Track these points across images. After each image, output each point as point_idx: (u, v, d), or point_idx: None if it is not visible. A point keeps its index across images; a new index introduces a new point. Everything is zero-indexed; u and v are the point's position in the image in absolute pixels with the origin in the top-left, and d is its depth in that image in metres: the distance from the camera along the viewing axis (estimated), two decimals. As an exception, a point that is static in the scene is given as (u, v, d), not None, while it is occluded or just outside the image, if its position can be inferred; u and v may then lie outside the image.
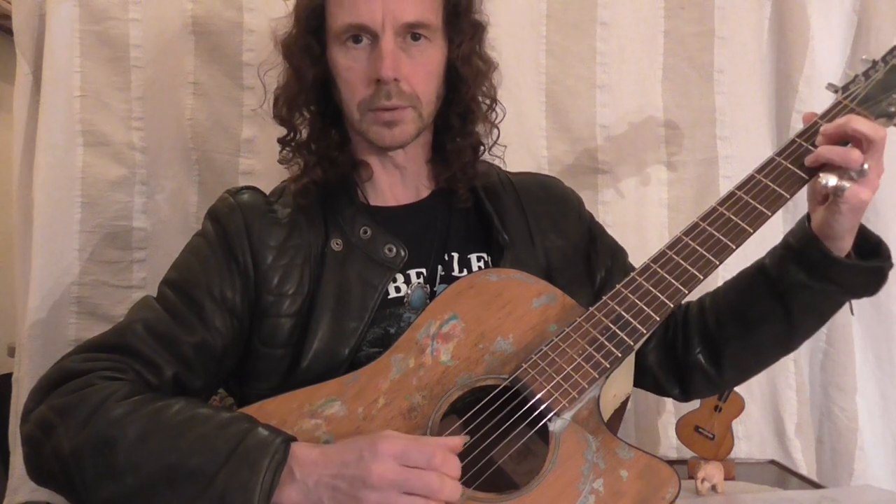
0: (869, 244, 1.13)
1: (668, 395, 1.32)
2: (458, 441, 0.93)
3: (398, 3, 1.15)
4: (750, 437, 1.86)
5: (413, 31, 1.16)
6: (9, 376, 1.76)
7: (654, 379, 1.29)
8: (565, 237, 1.30)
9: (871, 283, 1.13)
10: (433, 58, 1.19)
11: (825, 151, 1.06)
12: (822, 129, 1.09)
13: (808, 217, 1.14)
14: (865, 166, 1.04)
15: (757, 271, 1.21)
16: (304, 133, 1.27)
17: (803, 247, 1.12)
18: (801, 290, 1.13)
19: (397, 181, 1.27)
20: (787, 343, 1.23)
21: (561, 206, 1.34)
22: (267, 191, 1.27)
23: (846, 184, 1.03)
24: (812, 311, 1.17)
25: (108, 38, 1.71)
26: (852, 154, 1.04)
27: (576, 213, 1.35)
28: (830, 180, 1.04)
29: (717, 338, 1.23)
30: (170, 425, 0.97)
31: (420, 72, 1.17)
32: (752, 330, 1.20)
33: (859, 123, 1.06)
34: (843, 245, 1.11)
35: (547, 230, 1.29)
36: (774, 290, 1.16)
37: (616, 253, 1.36)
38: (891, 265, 1.13)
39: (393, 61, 1.14)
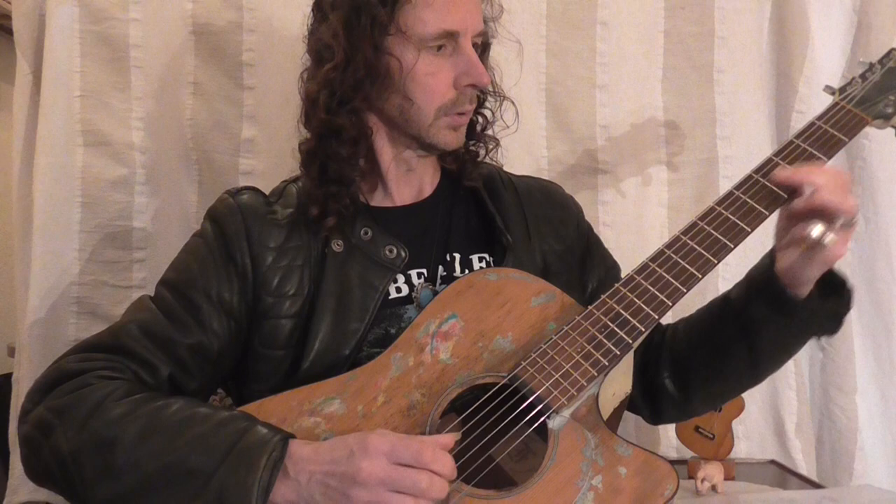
0: (833, 282, 1.11)
1: (640, 415, 1.31)
2: (450, 438, 0.93)
3: (476, 12, 1.18)
4: (750, 437, 1.86)
5: (476, 41, 1.19)
6: (9, 376, 1.77)
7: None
8: (562, 242, 1.30)
9: (828, 325, 1.12)
10: None
11: (826, 196, 1.00)
12: (775, 174, 1.07)
13: (772, 252, 1.12)
14: (857, 217, 1.02)
15: (723, 302, 1.20)
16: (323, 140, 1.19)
17: (765, 283, 1.10)
18: (764, 324, 1.12)
19: (403, 182, 1.26)
20: (754, 375, 1.21)
21: (560, 212, 1.34)
22: (266, 191, 1.26)
23: (831, 238, 0.98)
24: (775, 345, 1.16)
25: (108, 38, 1.71)
26: (850, 201, 1.00)
27: (575, 221, 1.35)
28: (817, 230, 0.98)
29: (685, 364, 1.23)
30: (168, 424, 0.98)
31: None
32: (718, 359, 1.19)
33: (815, 175, 1.03)
34: (807, 288, 1.09)
35: (545, 234, 1.29)
36: (738, 323, 1.15)
37: (610, 267, 1.35)
38: (848, 309, 1.11)
39: (484, 68, 1.17)
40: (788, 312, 1.09)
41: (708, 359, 1.20)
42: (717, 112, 1.86)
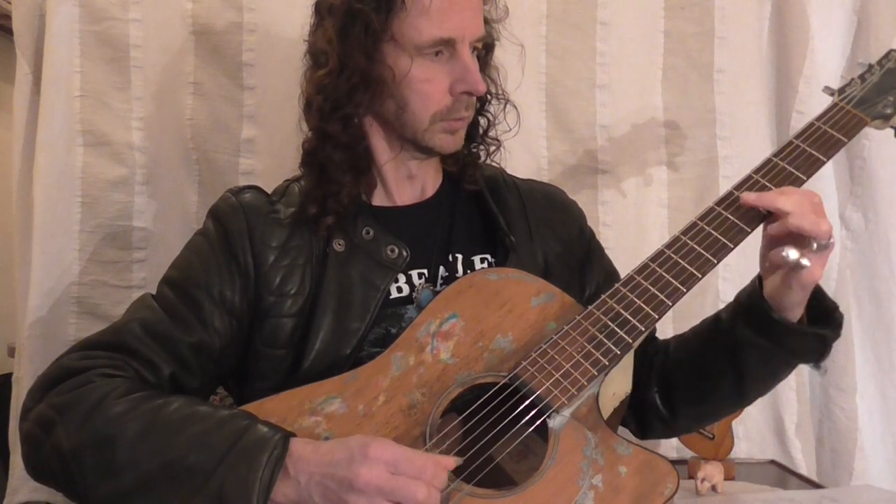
0: (824, 309, 1.10)
1: (627, 428, 1.29)
2: (451, 462, 0.93)
3: (475, 18, 1.17)
4: (750, 437, 1.86)
5: (477, 46, 1.19)
6: (9, 376, 1.77)
7: None
8: (563, 244, 1.30)
9: (814, 350, 1.10)
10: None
11: (797, 221, 1.00)
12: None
13: (759, 275, 1.11)
14: (832, 239, 1.00)
15: (713, 322, 1.19)
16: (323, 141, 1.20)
17: (751, 306, 1.10)
18: (749, 346, 1.11)
19: (405, 183, 1.27)
20: (739, 399, 1.20)
21: (563, 216, 1.34)
22: (267, 190, 1.26)
23: (806, 262, 0.97)
24: (761, 370, 1.14)
25: (108, 38, 1.71)
26: (823, 225, 1.00)
27: (577, 225, 1.35)
28: (792, 253, 0.97)
29: (674, 383, 1.22)
30: (169, 422, 0.98)
31: None
32: (704, 381, 1.18)
33: (781, 201, 1.02)
34: (795, 312, 1.07)
35: (546, 236, 1.29)
36: (725, 345, 1.14)
37: (609, 275, 1.34)
38: (836, 336, 1.10)
39: (480, 75, 1.16)
40: (773, 336, 1.08)
41: (695, 380, 1.19)
42: (717, 112, 1.86)
